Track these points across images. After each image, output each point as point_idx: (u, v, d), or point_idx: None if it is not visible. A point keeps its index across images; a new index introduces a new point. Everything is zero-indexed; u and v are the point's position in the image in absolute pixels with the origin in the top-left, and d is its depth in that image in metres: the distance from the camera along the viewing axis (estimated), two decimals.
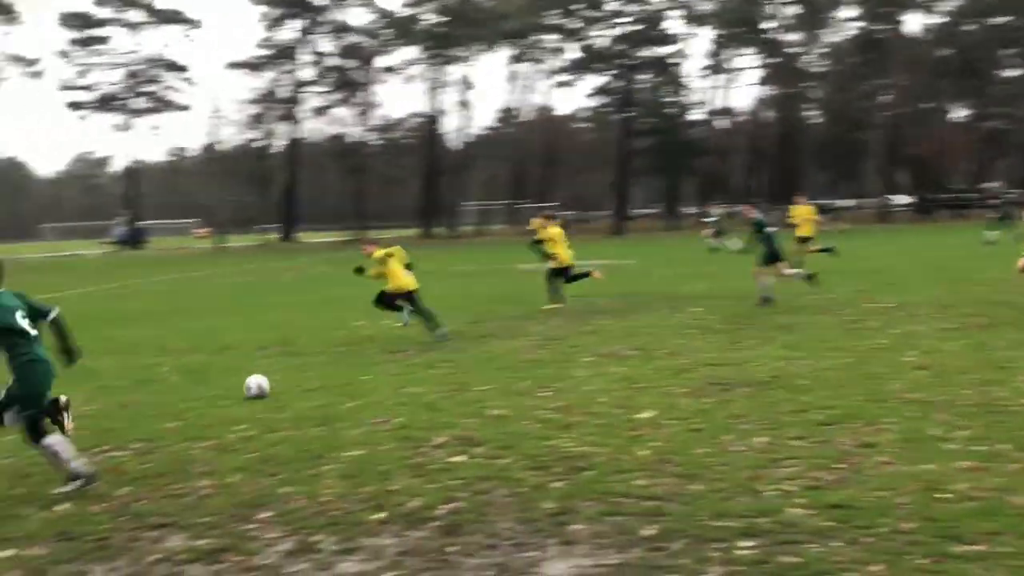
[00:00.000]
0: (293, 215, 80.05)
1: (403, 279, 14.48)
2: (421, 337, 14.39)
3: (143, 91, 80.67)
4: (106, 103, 79.73)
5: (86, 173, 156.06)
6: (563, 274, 18.53)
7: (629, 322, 15.41)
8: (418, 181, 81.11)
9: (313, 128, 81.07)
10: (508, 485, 6.68)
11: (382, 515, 6.18)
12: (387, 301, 14.81)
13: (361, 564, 5.39)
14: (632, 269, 22.31)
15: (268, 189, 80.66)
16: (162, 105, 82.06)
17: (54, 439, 7.00)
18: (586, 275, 18.63)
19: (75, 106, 79.78)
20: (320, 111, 79.34)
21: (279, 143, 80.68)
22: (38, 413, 7.00)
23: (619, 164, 75.09)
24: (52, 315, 7.50)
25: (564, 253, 18.49)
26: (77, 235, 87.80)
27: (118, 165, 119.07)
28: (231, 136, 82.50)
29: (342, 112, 79.14)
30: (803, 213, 23.81)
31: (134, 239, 77.30)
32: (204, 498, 6.72)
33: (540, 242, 18.58)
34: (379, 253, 14.49)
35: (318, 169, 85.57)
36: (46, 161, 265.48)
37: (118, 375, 12.25)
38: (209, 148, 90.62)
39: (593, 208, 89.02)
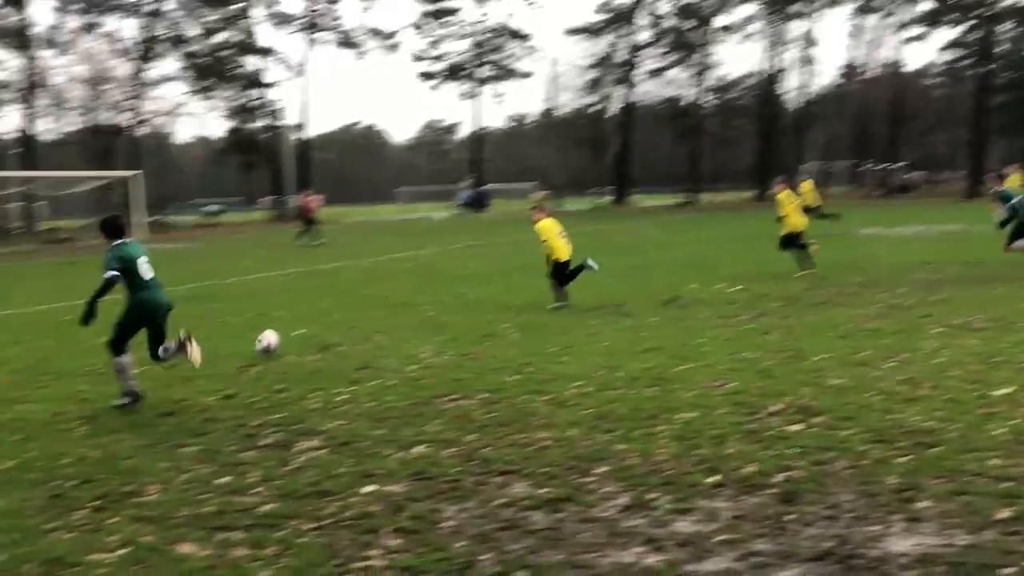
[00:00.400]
0: (626, 178, 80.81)
1: (559, 248, 15.19)
2: (755, 303, 14.17)
3: (488, 60, 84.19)
4: (454, 72, 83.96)
5: (435, 139, 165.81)
6: (794, 241, 18.27)
7: (983, 292, 14.31)
8: (753, 142, 79.15)
9: (647, 91, 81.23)
10: (848, 457, 6.45)
11: (717, 478, 6.18)
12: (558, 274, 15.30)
13: (696, 525, 5.42)
14: (987, 235, 20.62)
15: (602, 152, 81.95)
16: (505, 73, 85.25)
17: (125, 359, 9.23)
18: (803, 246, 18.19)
19: (426, 76, 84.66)
20: (655, 73, 79.26)
21: (614, 107, 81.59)
22: (130, 335, 9.31)
23: (974, 122, 69.36)
24: None
25: (797, 219, 18.29)
26: (427, 198, 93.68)
27: (464, 132, 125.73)
28: (568, 101, 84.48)
29: (677, 74, 78.70)
30: None
31: (479, 202, 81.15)
32: (544, 449, 7.02)
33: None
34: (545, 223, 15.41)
35: (651, 132, 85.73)
36: (400, 129, 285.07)
37: (464, 329, 13.01)
38: (546, 113, 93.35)
39: (944, 168, 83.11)
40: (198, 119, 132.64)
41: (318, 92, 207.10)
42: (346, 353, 11.53)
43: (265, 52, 73.47)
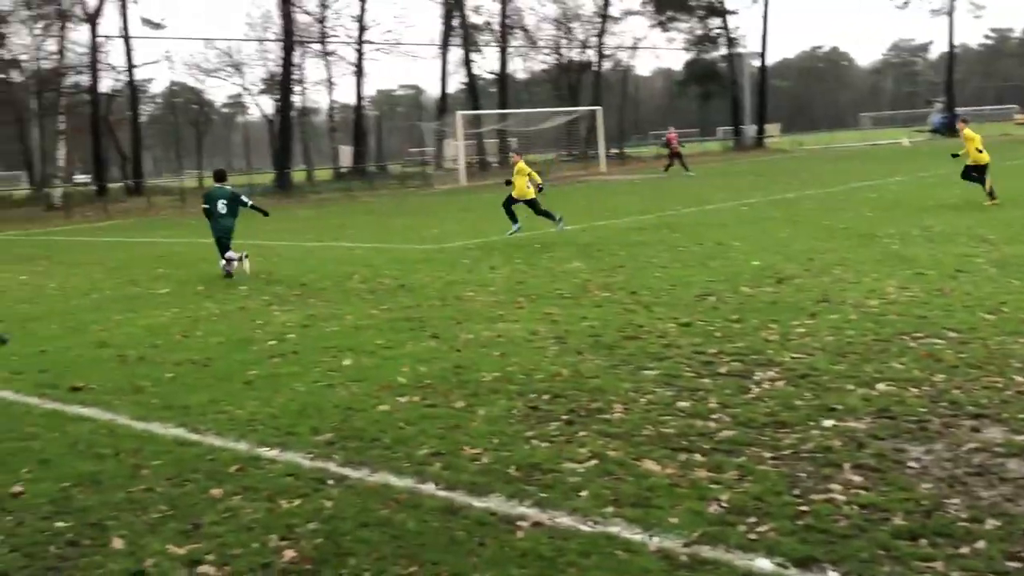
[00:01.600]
0: None
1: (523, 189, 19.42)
2: None
3: None
4: None
5: (903, 61, 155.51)
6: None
7: None
8: None
9: None
10: None
11: None
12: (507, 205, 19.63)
13: None
14: None
15: None
16: None
17: (229, 254, 15.77)
18: None
19: None
20: None
21: None
22: (223, 247, 16.00)
23: None
24: (249, 203, 16.51)
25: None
26: (893, 123, 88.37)
27: (935, 51, 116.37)
28: None
29: None
30: None
31: (950, 127, 75.34)
32: (1022, 394, 6.48)
33: None
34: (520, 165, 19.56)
35: None
36: (864, 51, 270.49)
37: (932, 264, 12.25)
38: None
39: None
40: (658, 52, 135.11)
41: (777, 17, 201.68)
42: (803, 285, 11.34)
43: None
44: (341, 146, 68.40)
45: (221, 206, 16.12)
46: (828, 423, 6.17)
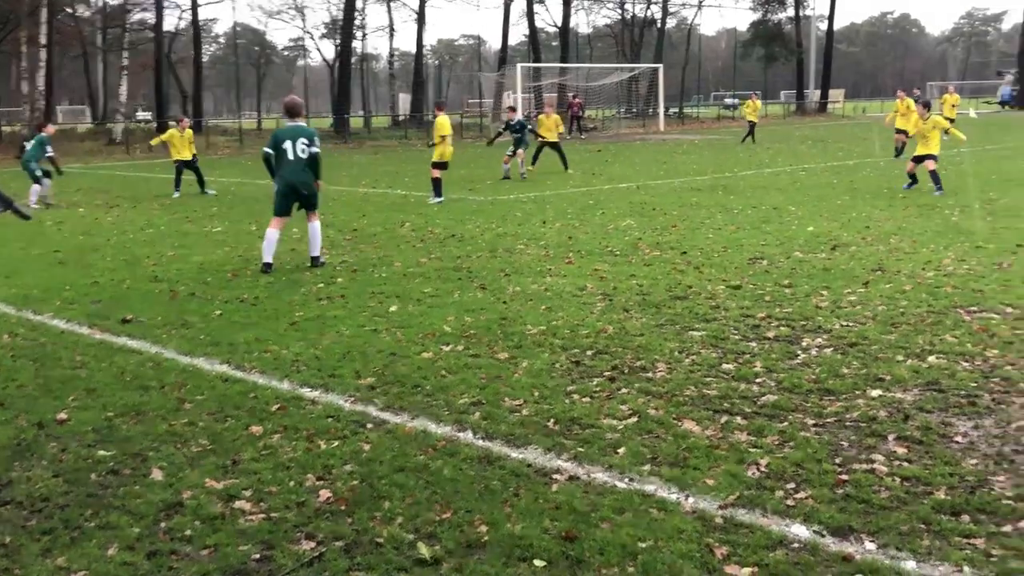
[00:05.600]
0: None
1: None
2: None
3: None
4: None
5: (976, 30, 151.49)
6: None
7: None
8: None
9: None
10: None
11: None
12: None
13: None
14: None
15: None
16: None
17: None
18: None
19: None
20: None
21: None
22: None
23: None
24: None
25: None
26: (961, 94, 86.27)
27: (1011, 21, 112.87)
28: None
29: None
30: None
31: (1020, 99, 73.38)
32: None
33: None
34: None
35: None
36: (936, 19, 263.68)
37: (993, 237, 11.95)
38: None
39: None
40: (723, 11, 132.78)
41: None
42: (858, 253, 11.14)
43: None
44: (400, 94, 68.34)
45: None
46: (875, 393, 6.06)
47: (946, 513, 4.32)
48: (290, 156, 11.14)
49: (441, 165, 17.93)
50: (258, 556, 4.12)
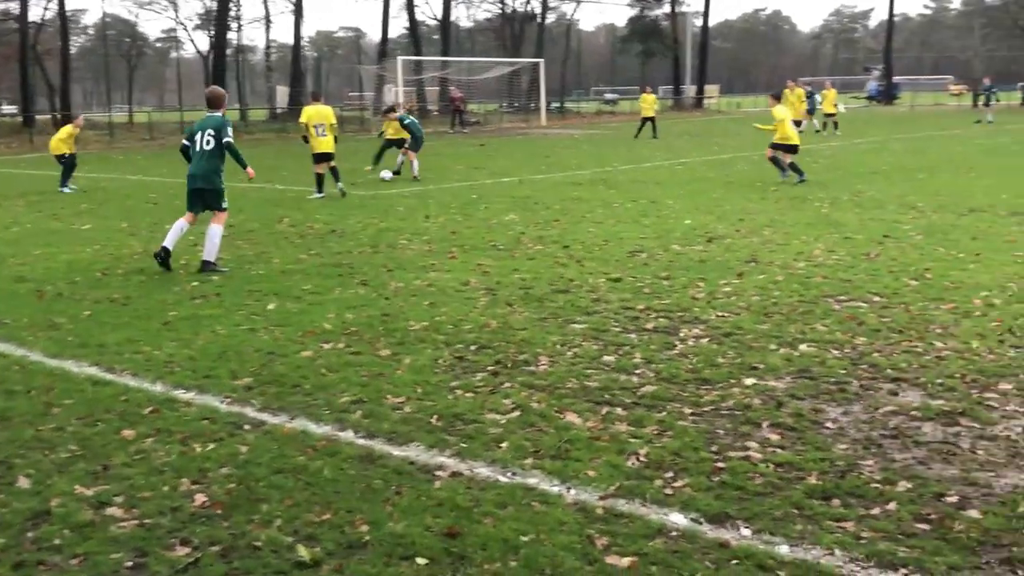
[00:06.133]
0: None
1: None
2: None
3: None
4: None
5: (843, 27, 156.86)
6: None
7: None
8: None
9: None
10: None
11: None
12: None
13: None
14: None
15: None
16: None
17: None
18: None
19: None
20: None
21: None
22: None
23: None
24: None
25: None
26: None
27: (876, 19, 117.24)
28: None
29: None
30: None
31: (886, 94, 76.38)
32: (941, 360, 6.59)
33: None
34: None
35: None
36: (806, 16, 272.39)
37: (860, 228, 12.40)
38: None
39: None
40: (603, 7, 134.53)
41: None
42: (733, 245, 11.41)
43: None
44: (278, 86, 67.16)
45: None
46: (749, 381, 6.21)
47: (817, 498, 4.45)
48: (196, 148, 10.71)
49: (315, 158, 17.65)
50: (131, 564, 3.99)
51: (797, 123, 25.36)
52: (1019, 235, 11.59)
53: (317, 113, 17.68)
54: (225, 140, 10.61)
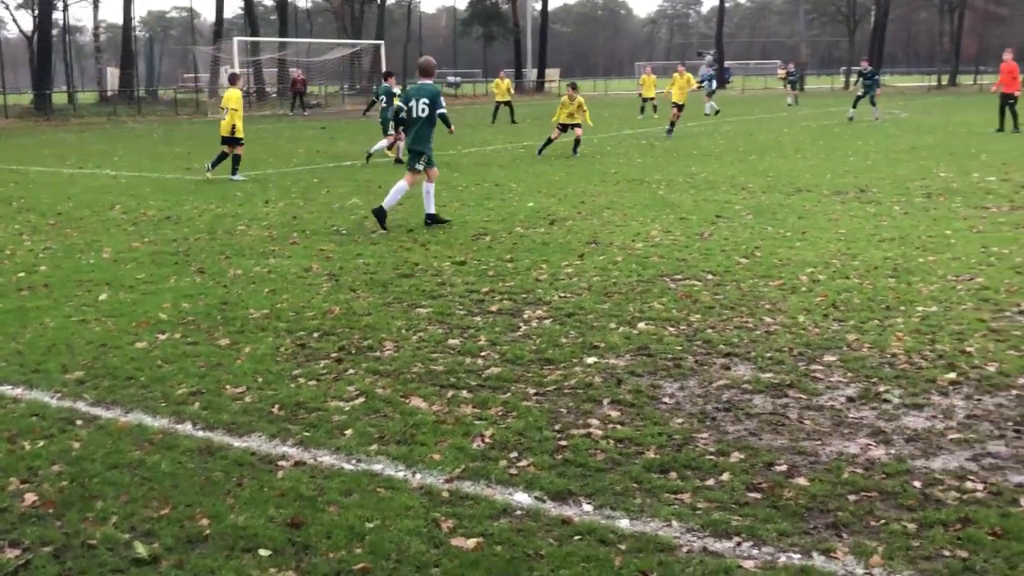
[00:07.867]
0: (881, 56, 76.05)
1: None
2: (1015, 195, 13.19)
3: None
4: None
5: (677, 12, 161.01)
6: None
7: None
8: None
9: None
10: None
11: (953, 375, 5.89)
12: None
13: (928, 421, 5.20)
14: None
15: (855, 29, 77.33)
16: None
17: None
18: None
19: None
20: None
21: None
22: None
23: None
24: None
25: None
26: (666, 73, 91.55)
27: (708, 4, 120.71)
28: None
29: None
30: None
31: (718, 79, 78.78)
32: (770, 334, 6.89)
33: None
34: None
35: (912, 7, 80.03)
36: (642, 1, 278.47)
37: (694, 209, 12.81)
38: None
39: None
40: None
41: None
42: (574, 227, 11.61)
43: None
44: (108, 68, 64.40)
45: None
46: (590, 360, 6.34)
47: (656, 471, 4.59)
48: (412, 115, 11.76)
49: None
50: None
51: (679, 107, 26.50)
52: (842, 213, 12.20)
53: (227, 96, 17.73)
54: (439, 111, 11.79)
